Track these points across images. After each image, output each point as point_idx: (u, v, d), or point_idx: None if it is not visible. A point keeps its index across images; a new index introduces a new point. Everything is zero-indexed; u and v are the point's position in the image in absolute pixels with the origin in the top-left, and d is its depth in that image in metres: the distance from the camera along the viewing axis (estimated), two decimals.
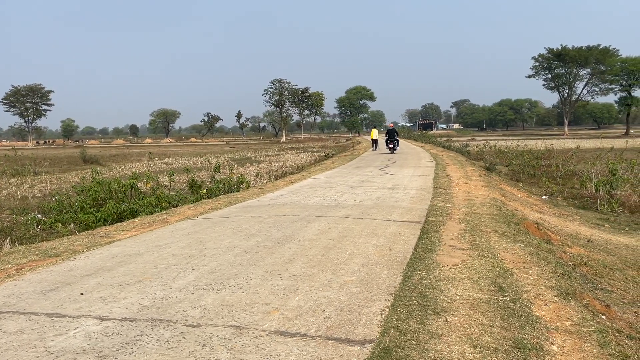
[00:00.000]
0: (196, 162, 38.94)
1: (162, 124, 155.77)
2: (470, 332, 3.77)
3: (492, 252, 6.31)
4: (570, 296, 4.90)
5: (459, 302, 4.41)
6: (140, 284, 4.98)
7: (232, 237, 7.13)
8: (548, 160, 29.18)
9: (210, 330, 3.77)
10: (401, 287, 4.77)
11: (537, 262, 6.01)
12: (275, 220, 8.35)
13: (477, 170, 19.14)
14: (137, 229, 8.61)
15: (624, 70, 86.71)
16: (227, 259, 5.88)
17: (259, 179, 22.69)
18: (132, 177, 17.43)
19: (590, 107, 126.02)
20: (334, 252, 6.09)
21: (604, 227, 12.27)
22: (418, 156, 27.36)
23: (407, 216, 8.62)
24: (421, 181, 14.32)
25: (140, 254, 6.30)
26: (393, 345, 3.51)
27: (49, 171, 34.42)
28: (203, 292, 4.68)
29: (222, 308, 4.23)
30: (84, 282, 5.14)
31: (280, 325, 3.85)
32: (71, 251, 6.86)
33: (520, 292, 4.80)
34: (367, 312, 4.10)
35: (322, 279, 5.03)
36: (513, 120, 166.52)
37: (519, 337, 3.73)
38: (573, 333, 3.97)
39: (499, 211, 9.60)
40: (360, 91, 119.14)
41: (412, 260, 5.78)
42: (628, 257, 9.19)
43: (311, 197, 11.45)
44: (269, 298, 4.47)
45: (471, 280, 5.07)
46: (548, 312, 4.37)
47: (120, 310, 4.24)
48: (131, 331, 3.78)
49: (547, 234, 8.94)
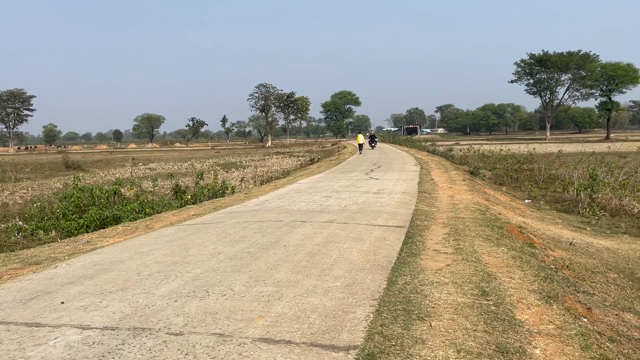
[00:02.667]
0: (181, 167, 38.67)
1: (146, 129, 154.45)
2: (454, 336, 3.79)
3: (476, 256, 6.35)
4: (553, 299, 4.95)
5: (443, 307, 4.42)
6: (123, 292, 4.91)
7: (217, 243, 7.08)
8: (531, 164, 29.55)
9: (193, 338, 3.73)
10: (386, 292, 4.77)
11: (520, 265, 6.07)
12: (260, 226, 8.32)
13: (461, 175, 19.30)
14: (120, 236, 8.51)
15: (604, 75, 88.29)
16: (211, 265, 5.83)
17: (244, 184, 22.59)
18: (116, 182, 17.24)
19: (572, 111, 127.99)
20: (319, 258, 6.08)
21: (585, 230, 12.45)
22: (403, 160, 27.51)
23: (392, 221, 8.65)
24: (406, 185, 14.38)
25: (122, 262, 6.22)
26: (377, 351, 3.51)
27: (30, 177, 33.89)
28: (186, 299, 4.63)
29: (206, 315, 4.19)
30: (65, 291, 5.06)
31: (265, 332, 3.82)
32: (52, 259, 6.76)
33: (504, 296, 4.83)
34: (351, 318, 4.09)
35: (307, 284, 5.01)
36: (496, 125, 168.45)
37: (502, 341, 3.75)
38: (555, 336, 4.01)
39: (483, 215, 9.68)
40: (345, 96, 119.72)
41: (397, 265, 5.79)
42: (609, 260, 9.33)
43: (296, 202, 11.43)
44: (253, 305, 4.44)
45: (455, 284, 5.10)
46: (531, 316, 4.41)
47: (101, 319, 4.18)
48: (112, 340, 3.73)
49: (530, 237, 9.03)
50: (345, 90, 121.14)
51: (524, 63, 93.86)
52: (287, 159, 44.92)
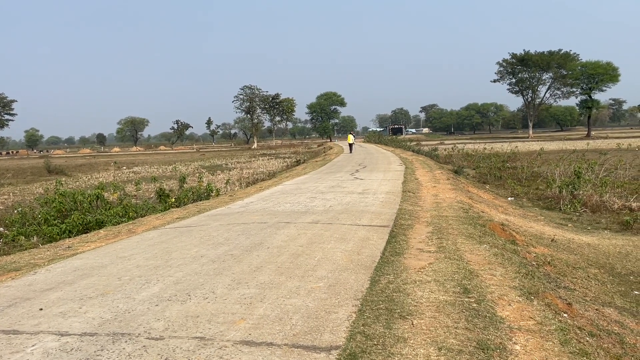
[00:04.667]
0: (165, 170, 38.38)
1: (130, 132, 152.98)
2: (436, 334, 3.81)
3: (459, 254, 6.39)
4: (533, 295, 5.00)
5: (425, 305, 4.44)
6: (103, 297, 4.85)
7: (199, 246, 7.03)
8: (514, 162, 29.87)
9: (173, 342, 3.69)
10: (368, 291, 4.78)
11: (501, 262, 6.12)
12: (244, 228, 8.28)
13: (445, 174, 19.43)
14: (101, 241, 8.41)
15: (584, 74, 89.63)
16: (193, 268, 5.79)
17: (229, 187, 22.49)
18: (98, 187, 17.04)
19: (553, 110, 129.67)
20: (303, 259, 6.07)
21: (567, 227, 12.61)
22: (388, 160, 27.61)
23: (376, 220, 8.67)
24: (390, 185, 14.44)
25: (103, 266, 6.15)
26: (359, 350, 3.51)
27: (12, 182, 33.34)
28: (168, 303, 4.59)
29: (187, 319, 4.15)
30: (44, 297, 4.98)
31: (246, 334, 3.80)
32: (32, 265, 6.65)
33: (485, 293, 4.87)
34: (334, 319, 4.09)
35: (290, 286, 5.00)
36: (480, 124, 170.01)
37: (483, 338, 3.78)
38: (535, 332, 4.04)
39: (466, 213, 9.75)
40: (331, 97, 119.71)
41: (380, 264, 5.80)
42: (590, 256, 9.46)
43: (281, 203, 11.41)
44: (235, 307, 4.41)
45: (437, 282, 5.12)
46: (512, 312, 4.45)
47: (80, 325, 4.12)
48: (91, 346, 3.67)
49: (512, 234, 9.12)
50: (331, 91, 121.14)
51: (506, 62, 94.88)
52: (273, 161, 44.84)
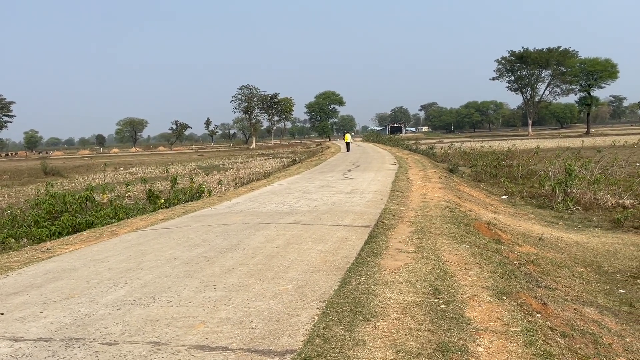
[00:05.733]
0: (162, 171, 38.32)
1: (129, 133, 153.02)
2: (397, 337, 3.72)
3: (436, 254, 6.30)
4: (506, 296, 4.91)
5: (392, 307, 4.35)
6: (67, 301, 4.77)
7: (175, 248, 6.95)
8: (510, 160, 29.76)
9: (126, 347, 3.61)
10: (336, 293, 4.69)
11: (478, 262, 6.03)
12: (224, 229, 8.19)
13: (438, 173, 19.33)
14: (82, 243, 8.33)
15: (583, 71, 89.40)
16: (164, 271, 5.71)
17: (222, 187, 22.42)
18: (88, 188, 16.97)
19: (553, 107, 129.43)
20: (276, 260, 5.98)
21: (557, 225, 12.51)
22: (382, 160, 27.51)
23: (359, 220, 8.58)
24: (380, 185, 14.34)
25: (75, 269, 6.07)
26: (315, 354, 3.42)
27: (7, 184, 33.31)
28: (130, 307, 4.51)
29: (146, 323, 4.07)
30: (8, 301, 4.90)
31: (203, 339, 3.71)
32: (6, 268, 6.57)
33: (456, 293, 4.78)
34: (295, 322, 4.00)
35: (258, 288, 4.91)
36: (480, 122, 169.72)
37: (445, 340, 3.69)
38: (501, 333, 3.96)
39: (451, 212, 9.65)
40: (329, 96, 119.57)
41: (354, 265, 5.71)
42: (578, 254, 9.37)
43: (267, 204, 11.32)
44: (197, 311, 4.33)
45: (409, 283, 5.04)
46: (480, 313, 4.36)
47: (37, 330, 4.04)
48: (43, 352, 3.59)
49: (497, 233, 9.02)
50: (329, 91, 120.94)
51: (504, 60, 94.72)
52: (271, 161, 44.76)
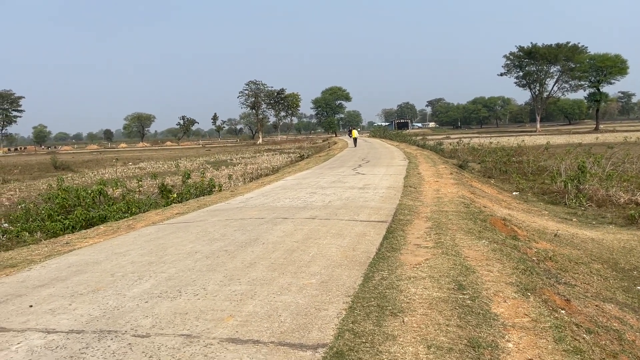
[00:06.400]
0: (170, 166, 38.43)
1: (137, 128, 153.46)
2: (426, 332, 3.73)
3: (456, 249, 6.30)
4: (530, 292, 4.90)
5: (418, 302, 4.36)
6: (94, 294, 4.82)
7: (195, 242, 6.99)
8: (520, 156, 29.63)
9: (159, 340, 3.64)
10: (361, 288, 4.71)
11: (499, 258, 6.02)
12: (241, 224, 8.22)
13: (449, 168, 19.28)
14: (100, 236, 8.39)
15: (593, 66, 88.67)
16: (186, 265, 5.74)
17: (232, 182, 22.47)
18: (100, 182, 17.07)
19: (561, 103, 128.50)
20: (297, 255, 6.00)
21: (571, 222, 12.46)
22: (392, 155, 27.46)
23: (375, 216, 8.59)
24: (392, 180, 14.33)
25: (98, 262, 6.12)
26: (347, 348, 3.44)
27: (18, 179, 33.53)
28: (157, 300, 4.54)
29: (175, 316, 4.10)
30: (36, 294, 4.96)
31: (233, 332, 3.74)
32: (28, 261, 6.64)
33: (480, 289, 4.78)
34: (323, 316, 4.02)
35: (282, 282, 4.94)
36: (487, 118, 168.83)
37: (475, 336, 3.70)
38: (529, 329, 3.96)
39: (467, 208, 9.64)
40: (336, 92, 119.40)
41: (375, 260, 5.72)
42: (594, 251, 9.33)
43: (281, 199, 11.34)
44: (224, 304, 4.35)
45: (432, 279, 5.04)
46: (506, 309, 4.36)
47: (68, 322, 4.08)
48: (76, 344, 3.63)
49: (513, 229, 9.00)
50: (336, 86, 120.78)
51: (513, 56, 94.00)
52: (278, 156, 44.77)
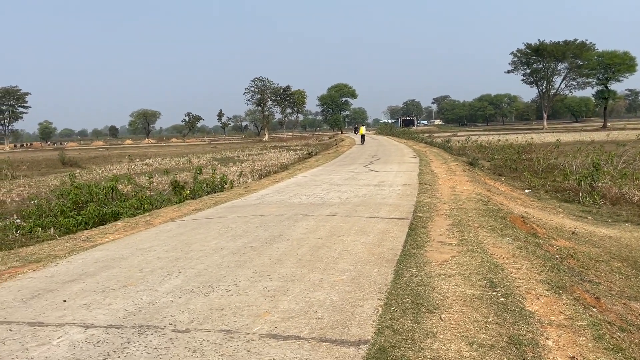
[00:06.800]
0: (178, 162, 38.53)
1: (142, 124, 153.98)
2: (465, 329, 3.73)
3: (481, 247, 6.29)
4: (561, 290, 4.89)
5: (452, 299, 4.36)
6: (125, 289, 4.84)
7: (219, 238, 7.00)
8: (529, 154, 29.52)
9: (200, 335, 3.66)
10: (393, 285, 4.71)
11: (526, 256, 6.01)
12: (261, 220, 8.24)
13: (460, 166, 19.24)
14: (120, 232, 8.43)
15: (601, 64, 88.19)
16: (214, 260, 5.76)
17: (242, 179, 22.50)
18: (112, 179, 17.11)
19: (568, 101, 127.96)
20: (323, 251, 6.01)
21: (587, 219, 12.41)
22: (401, 153, 27.43)
23: (395, 213, 8.58)
24: (406, 177, 14.31)
25: (124, 258, 6.14)
26: (388, 345, 3.44)
27: (27, 175, 33.71)
28: (191, 295, 4.56)
29: (212, 312, 4.11)
30: (67, 289, 4.98)
31: (272, 328, 3.75)
32: (52, 256, 6.67)
33: (512, 287, 4.77)
34: (360, 312, 4.03)
35: (313, 279, 4.94)
36: (493, 115, 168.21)
37: (514, 333, 3.69)
38: (567, 327, 3.95)
39: (485, 206, 9.62)
40: (342, 89, 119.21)
41: (402, 257, 5.72)
42: (612, 249, 9.29)
43: (297, 195, 11.35)
44: (259, 300, 4.36)
45: (462, 276, 5.04)
46: (541, 307, 4.35)
47: (105, 317, 4.10)
48: (117, 339, 3.65)
49: (533, 227, 8.98)
50: (342, 83, 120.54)
51: (520, 53, 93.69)
52: (285, 153, 44.80)
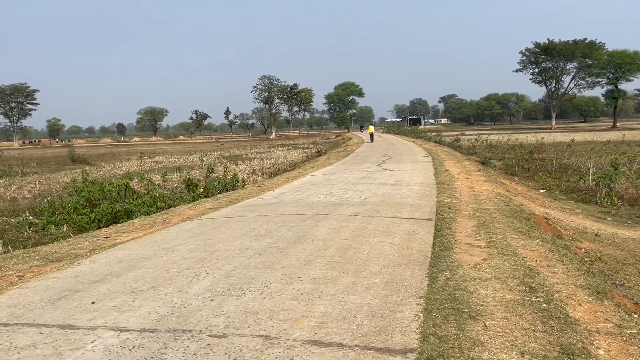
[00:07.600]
0: (187, 160, 38.47)
1: (149, 122, 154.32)
2: (513, 337, 3.58)
3: (511, 249, 6.14)
4: (602, 295, 4.73)
5: (493, 305, 4.22)
6: (154, 291, 4.72)
7: (242, 238, 6.88)
8: (540, 153, 29.23)
9: (238, 340, 3.53)
10: (429, 289, 4.57)
11: (559, 259, 5.86)
12: (282, 220, 8.11)
13: (474, 165, 19.05)
14: (138, 231, 8.33)
15: (611, 63, 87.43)
16: (240, 261, 5.64)
17: (253, 177, 22.40)
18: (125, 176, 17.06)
19: (577, 100, 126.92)
20: (351, 253, 5.87)
21: (606, 221, 12.20)
22: (412, 152, 27.24)
23: (417, 213, 8.44)
24: (422, 177, 14.15)
25: (148, 258, 6.03)
26: (436, 354, 3.30)
27: (37, 171, 33.76)
28: (222, 298, 4.44)
29: (247, 316, 3.99)
30: (94, 289, 4.88)
31: (312, 334, 3.62)
32: (73, 255, 6.57)
33: (552, 292, 4.62)
34: (400, 318, 3.89)
35: (345, 282, 4.81)
36: (500, 115, 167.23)
37: (564, 342, 3.55)
38: (616, 335, 3.80)
39: (507, 206, 9.46)
40: (348, 87, 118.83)
41: (433, 260, 5.58)
42: (637, 251, 9.09)
43: (314, 194, 11.22)
44: (293, 304, 4.24)
45: (499, 280, 4.89)
46: (585, 313, 4.20)
47: (137, 320, 3.99)
48: (153, 343, 3.54)
49: (557, 229, 8.81)
50: (349, 82, 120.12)
51: (529, 52, 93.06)
52: (293, 151, 44.65)
